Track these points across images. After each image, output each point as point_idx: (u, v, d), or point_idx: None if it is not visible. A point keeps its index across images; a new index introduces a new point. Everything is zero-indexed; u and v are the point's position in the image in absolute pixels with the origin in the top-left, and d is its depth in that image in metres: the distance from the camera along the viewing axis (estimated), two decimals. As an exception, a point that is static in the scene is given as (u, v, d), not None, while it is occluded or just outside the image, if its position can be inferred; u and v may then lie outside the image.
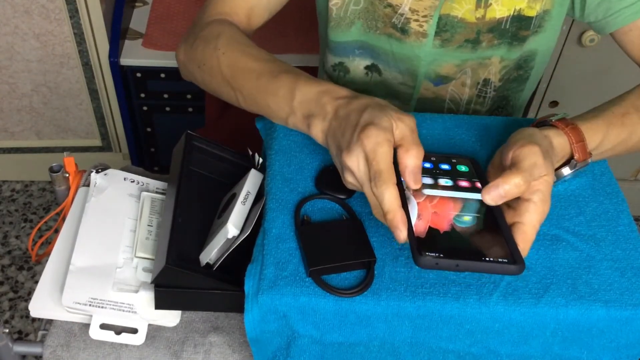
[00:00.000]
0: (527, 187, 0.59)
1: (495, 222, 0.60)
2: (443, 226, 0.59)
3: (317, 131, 0.69)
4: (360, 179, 0.62)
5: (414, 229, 0.58)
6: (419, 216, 0.60)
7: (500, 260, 0.56)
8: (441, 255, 0.56)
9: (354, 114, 0.64)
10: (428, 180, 0.64)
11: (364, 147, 0.61)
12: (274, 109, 0.74)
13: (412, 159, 0.61)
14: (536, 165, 0.61)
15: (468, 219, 0.60)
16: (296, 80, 0.71)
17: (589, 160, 0.71)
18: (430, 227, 0.59)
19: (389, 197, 0.59)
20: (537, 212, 0.60)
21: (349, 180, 0.64)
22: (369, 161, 0.60)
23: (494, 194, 0.59)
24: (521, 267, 0.56)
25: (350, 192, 0.71)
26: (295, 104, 0.70)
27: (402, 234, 0.58)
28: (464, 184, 0.65)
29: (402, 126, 0.62)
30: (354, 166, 0.62)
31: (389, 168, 0.60)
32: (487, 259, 0.56)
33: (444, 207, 0.61)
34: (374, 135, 0.60)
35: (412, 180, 0.61)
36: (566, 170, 0.72)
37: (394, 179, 0.60)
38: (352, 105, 0.66)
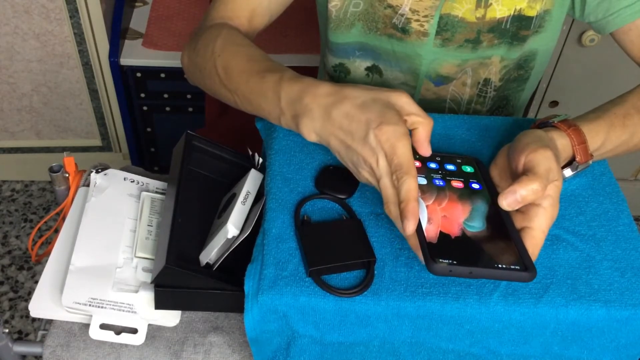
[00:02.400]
0: (544, 192, 0.59)
1: (504, 227, 0.60)
2: (454, 231, 0.59)
3: (308, 131, 0.68)
4: (378, 174, 0.62)
5: (425, 234, 0.58)
6: (429, 220, 0.60)
7: (512, 267, 0.56)
8: (454, 262, 0.56)
9: (354, 111, 0.64)
10: (437, 182, 0.64)
11: (382, 144, 0.61)
12: (267, 111, 0.74)
13: (424, 127, 0.65)
14: (551, 170, 0.61)
15: (478, 223, 0.60)
16: (280, 80, 0.71)
17: (590, 162, 0.71)
18: (441, 232, 0.59)
19: (408, 187, 0.59)
20: (546, 217, 0.60)
21: (365, 175, 0.64)
22: (389, 156, 0.61)
23: (511, 200, 0.59)
24: (533, 274, 0.56)
25: (350, 192, 0.71)
26: (283, 105, 0.70)
27: (409, 225, 0.58)
28: (471, 185, 0.65)
29: (407, 107, 0.65)
30: (374, 164, 0.62)
31: (410, 160, 0.60)
32: (500, 265, 0.56)
33: (453, 211, 0.61)
34: (390, 131, 0.61)
35: (425, 148, 0.65)
36: (567, 172, 0.72)
37: (414, 172, 0.60)
38: (344, 103, 0.65)
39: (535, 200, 0.60)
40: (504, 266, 0.56)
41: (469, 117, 0.82)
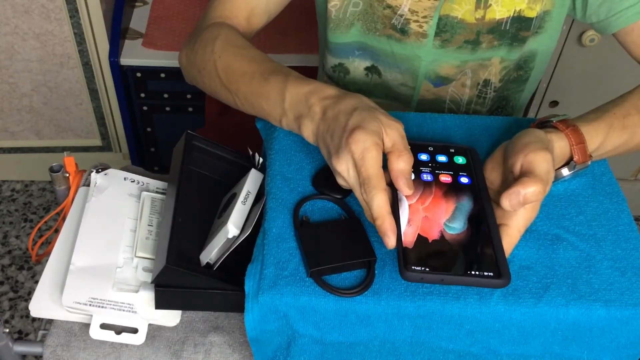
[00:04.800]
0: (544, 195, 0.59)
1: (485, 227, 0.60)
2: (432, 234, 0.59)
3: (308, 132, 0.68)
4: (350, 184, 0.62)
5: (402, 238, 0.58)
6: (409, 222, 0.59)
7: (485, 274, 0.56)
8: (427, 269, 0.56)
9: (342, 115, 0.64)
10: (426, 176, 0.64)
11: (352, 152, 0.60)
12: (268, 112, 0.74)
13: (404, 164, 0.61)
14: (549, 172, 0.61)
15: (458, 224, 0.60)
16: (285, 82, 0.71)
17: (589, 162, 0.71)
18: (419, 235, 0.59)
19: (378, 203, 0.59)
20: (524, 218, 0.60)
21: (342, 183, 0.64)
22: (358, 167, 0.60)
23: (515, 202, 0.58)
24: (506, 281, 0.56)
25: (347, 191, 0.71)
26: (286, 105, 0.70)
27: (390, 241, 0.58)
28: (460, 180, 0.64)
29: (392, 132, 0.62)
30: (344, 171, 0.62)
31: (377, 173, 0.60)
32: (473, 272, 0.56)
33: (436, 211, 0.61)
34: (361, 140, 0.60)
35: (405, 186, 0.61)
36: (565, 172, 0.72)
37: (383, 185, 0.59)
38: (340, 106, 0.65)
39: (535, 201, 0.60)
40: (477, 273, 0.56)
41: (469, 117, 0.82)
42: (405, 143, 0.62)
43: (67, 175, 0.83)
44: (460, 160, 0.67)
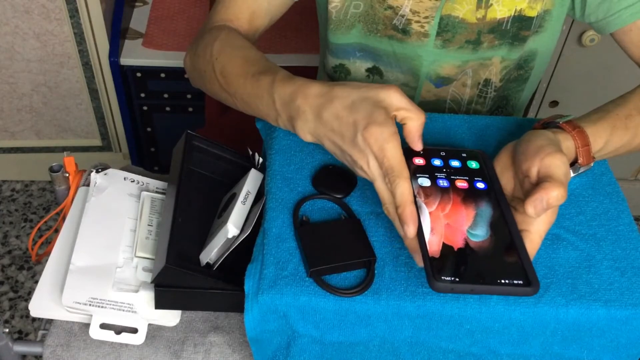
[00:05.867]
0: (565, 198, 0.59)
1: (507, 233, 0.59)
2: (457, 242, 0.58)
3: (304, 133, 0.68)
4: (371, 176, 0.62)
5: (428, 247, 0.57)
6: (431, 230, 0.58)
7: (515, 282, 0.55)
8: (457, 279, 0.55)
9: (344, 113, 0.64)
10: (442, 182, 0.63)
11: (371, 146, 0.61)
12: (265, 113, 0.74)
13: (413, 123, 0.63)
14: (567, 174, 0.61)
15: (481, 231, 0.59)
16: (272, 82, 0.71)
17: (592, 164, 0.71)
18: (444, 244, 0.58)
19: (402, 190, 0.59)
20: (545, 222, 0.60)
21: (361, 175, 0.64)
22: (379, 159, 0.61)
23: (540, 208, 0.58)
24: (536, 289, 0.55)
25: (347, 191, 0.71)
26: (278, 107, 0.70)
27: (410, 230, 0.58)
28: (476, 185, 0.64)
29: (392, 99, 0.63)
30: (364, 165, 0.62)
31: (400, 162, 0.60)
32: (502, 281, 0.55)
33: (457, 218, 0.60)
34: (378, 132, 0.60)
35: (416, 141, 0.64)
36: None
37: (406, 173, 0.60)
38: (334, 104, 0.65)
39: (557, 205, 0.59)
40: (506, 281, 0.55)
41: (469, 116, 0.82)
42: (407, 101, 0.63)
43: (67, 175, 0.83)
44: (473, 164, 0.66)
